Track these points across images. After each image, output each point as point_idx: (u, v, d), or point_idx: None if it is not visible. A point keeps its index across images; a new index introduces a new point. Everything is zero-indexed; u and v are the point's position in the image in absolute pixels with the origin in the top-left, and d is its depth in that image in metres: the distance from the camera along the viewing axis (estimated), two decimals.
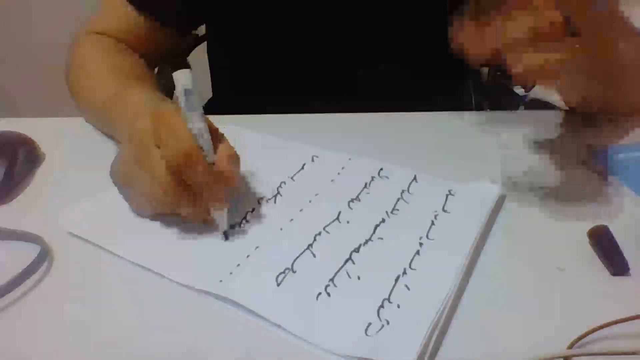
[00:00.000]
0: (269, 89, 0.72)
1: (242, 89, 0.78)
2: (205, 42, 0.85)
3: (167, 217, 0.44)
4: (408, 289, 0.38)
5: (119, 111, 0.50)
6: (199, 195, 0.41)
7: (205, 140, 0.41)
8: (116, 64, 0.60)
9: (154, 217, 0.44)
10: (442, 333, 0.35)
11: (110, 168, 0.45)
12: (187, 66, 0.43)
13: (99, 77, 0.58)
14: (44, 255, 0.40)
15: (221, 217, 0.42)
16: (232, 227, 0.43)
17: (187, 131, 0.40)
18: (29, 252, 0.40)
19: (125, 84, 0.55)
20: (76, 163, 0.54)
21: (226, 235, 0.42)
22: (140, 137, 0.41)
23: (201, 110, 0.42)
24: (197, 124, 0.41)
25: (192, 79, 0.42)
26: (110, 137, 0.56)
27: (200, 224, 0.43)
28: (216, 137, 0.43)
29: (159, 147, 0.40)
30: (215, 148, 0.42)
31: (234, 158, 0.43)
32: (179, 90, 0.41)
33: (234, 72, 0.79)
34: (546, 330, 0.35)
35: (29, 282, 0.39)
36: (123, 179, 0.44)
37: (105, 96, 0.54)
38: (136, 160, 0.41)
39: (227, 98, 0.82)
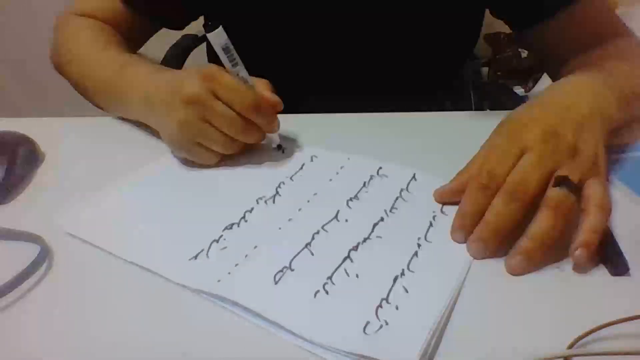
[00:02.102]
0: None
1: None
2: (205, 43, 0.85)
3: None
4: (407, 291, 0.38)
5: (128, 80, 0.56)
6: (259, 127, 0.51)
7: (251, 83, 0.50)
8: (110, 41, 0.63)
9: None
10: (442, 333, 0.35)
11: (168, 141, 0.51)
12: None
13: (97, 54, 0.61)
14: (44, 255, 0.40)
15: (275, 136, 0.53)
16: (230, 227, 0.44)
17: (242, 85, 0.48)
18: (29, 252, 0.40)
19: (126, 59, 0.59)
20: (76, 163, 0.54)
21: (282, 148, 0.54)
22: (197, 97, 0.47)
23: (240, 61, 0.48)
24: (242, 73, 0.49)
25: (225, 34, 0.47)
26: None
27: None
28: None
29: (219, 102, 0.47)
30: None
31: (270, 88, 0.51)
32: (217, 50, 0.47)
33: None
34: (546, 330, 0.35)
35: (29, 282, 0.39)
36: (188, 139, 0.49)
37: (110, 71, 0.58)
38: (202, 117, 0.48)
39: None
